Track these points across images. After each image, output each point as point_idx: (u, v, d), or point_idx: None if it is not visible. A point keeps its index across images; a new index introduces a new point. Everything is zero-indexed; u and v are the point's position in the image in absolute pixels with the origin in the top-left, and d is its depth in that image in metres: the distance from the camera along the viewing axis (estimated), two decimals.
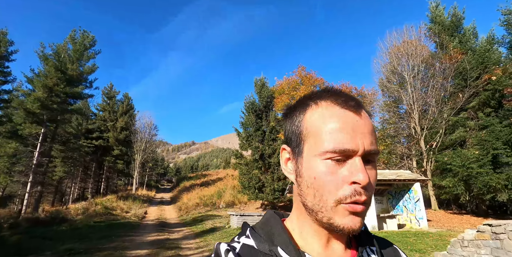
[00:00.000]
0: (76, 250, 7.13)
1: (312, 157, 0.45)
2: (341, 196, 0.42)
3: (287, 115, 0.52)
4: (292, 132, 0.49)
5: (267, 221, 0.52)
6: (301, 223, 0.49)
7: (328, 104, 0.46)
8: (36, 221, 11.46)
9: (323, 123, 0.45)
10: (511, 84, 14.60)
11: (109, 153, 34.11)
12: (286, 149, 0.51)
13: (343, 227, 0.43)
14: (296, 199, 0.50)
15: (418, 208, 11.92)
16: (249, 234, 0.49)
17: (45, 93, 19.21)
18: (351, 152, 0.43)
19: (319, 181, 0.43)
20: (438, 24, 21.46)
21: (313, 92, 0.51)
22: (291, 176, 0.50)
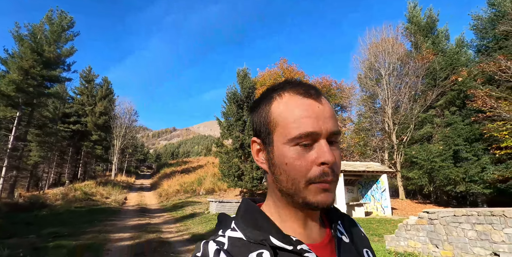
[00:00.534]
0: (61, 234, 7.47)
1: (282, 144, 0.48)
2: (311, 176, 0.46)
3: (253, 109, 0.55)
4: (260, 123, 0.52)
5: (247, 210, 0.53)
6: (278, 208, 0.52)
7: (291, 94, 0.50)
8: (15, 206, 11.53)
9: (288, 112, 0.48)
10: (474, 86, 15.78)
11: (87, 138, 33.48)
12: (256, 140, 0.53)
13: (317, 203, 0.47)
14: (271, 186, 0.53)
15: (384, 197, 13.00)
16: (234, 226, 0.50)
17: (21, 76, 18.57)
18: (316, 135, 0.47)
19: (290, 166, 0.47)
20: (415, 25, 22.41)
21: (276, 84, 0.54)
22: (264, 166, 0.52)
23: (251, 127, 0.56)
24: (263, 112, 0.52)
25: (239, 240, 0.48)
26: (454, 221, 4.22)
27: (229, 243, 0.47)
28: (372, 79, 23.01)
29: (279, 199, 0.52)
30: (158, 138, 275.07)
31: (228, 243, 0.47)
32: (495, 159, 14.94)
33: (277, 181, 0.49)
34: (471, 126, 15.79)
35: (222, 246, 0.47)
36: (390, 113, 21.06)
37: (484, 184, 14.84)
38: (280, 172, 0.48)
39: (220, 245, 0.47)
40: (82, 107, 34.31)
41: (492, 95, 15.09)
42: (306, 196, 0.47)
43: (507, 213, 3.60)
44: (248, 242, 0.47)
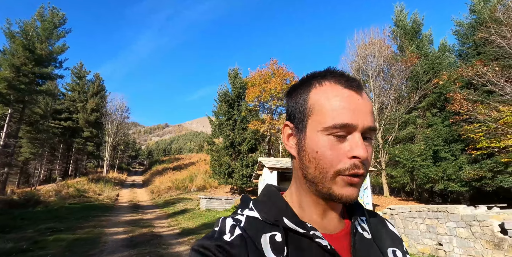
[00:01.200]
0: (58, 228, 7.92)
1: (315, 132, 0.47)
2: (340, 168, 0.46)
3: (290, 94, 0.54)
4: (295, 109, 0.51)
5: (268, 193, 0.55)
6: (300, 195, 0.52)
7: (332, 83, 0.49)
8: (10, 203, 11.86)
9: (327, 101, 0.48)
10: (453, 89, 16.62)
11: (78, 135, 33.55)
12: (288, 125, 0.53)
13: (342, 196, 0.46)
14: (296, 172, 0.53)
15: (366, 194, 13.72)
16: (252, 206, 0.52)
17: (13, 73, 18.71)
18: (352, 127, 0.46)
19: (321, 155, 0.46)
20: (401, 28, 23.16)
21: (317, 72, 0.53)
22: (292, 150, 0.52)
23: (286, 112, 0.56)
24: (300, 98, 0.51)
25: (255, 219, 0.50)
26: (410, 216, 4.88)
27: (245, 220, 0.49)
28: (363, 80, 23.72)
29: (302, 186, 0.52)
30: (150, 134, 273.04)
31: (245, 220, 0.49)
32: (471, 158, 15.83)
33: (304, 167, 0.49)
34: (449, 127, 16.66)
35: (239, 223, 0.49)
36: (376, 114, 21.86)
37: (461, 182, 15.74)
38: (309, 159, 0.48)
39: (237, 221, 0.49)
40: (74, 103, 34.29)
41: (469, 99, 15.96)
42: (332, 187, 0.47)
43: (449, 209, 4.25)
44: (263, 222, 0.49)
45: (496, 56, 16.48)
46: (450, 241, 4.17)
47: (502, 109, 14.54)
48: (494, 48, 16.21)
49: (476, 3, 19.32)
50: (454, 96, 16.24)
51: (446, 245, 4.22)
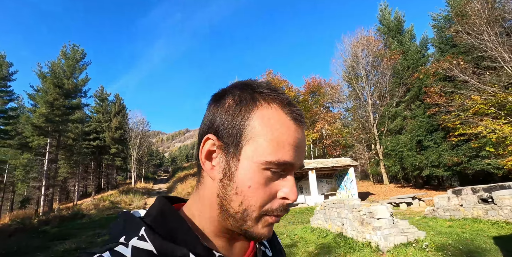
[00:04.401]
0: (101, 233, 10.74)
1: (252, 162, 0.41)
2: (268, 209, 0.42)
3: (223, 102, 0.45)
4: (230, 125, 0.42)
5: (163, 213, 0.43)
6: (206, 221, 0.45)
7: (281, 111, 0.43)
8: (61, 218, 15.01)
9: (274, 131, 0.41)
10: (429, 84, 18.17)
11: (106, 152, 37.38)
12: (214, 140, 0.43)
13: (260, 236, 0.43)
14: (209, 196, 0.44)
15: (352, 186, 15.77)
16: (144, 234, 0.39)
17: (48, 109, 22.15)
18: (291, 167, 0.42)
19: (253, 191, 0.41)
20: (385, 26, 24.61)
21: (262, 85, 0.46)
22: (214, 173, 0.43)
23: (208, 120, 0.45)
24: (240, 114, 0.42)
25: (148, 255, 0.38)
26: (331, 207, 7.13)
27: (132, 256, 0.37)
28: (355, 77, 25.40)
29: (212, 214, 0.44)
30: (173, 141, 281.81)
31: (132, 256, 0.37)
32: (452, 145, 17.38)
33: (226, 198, 0.42)
34: (430, 118, 18.23)
35: None
36: (370, 108, 23.56)
37: (444, 167, 17.35)
38: (236, 192, 0.41)
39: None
40: (99, 124, 38.12)
41: (445, 91, 17.48)
42: (253, 226, 0.42)
43: (345, 201, 6.47)
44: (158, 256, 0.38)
45: (465, 50, 17.88)
46: (346, 222, 6.42)
47: (474, 98, 16.12)
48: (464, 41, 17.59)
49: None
50: (431, 89, 17.81)
51: (345, 225, 6.44)
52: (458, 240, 5.90)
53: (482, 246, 5.38)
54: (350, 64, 25.43)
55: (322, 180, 17.82)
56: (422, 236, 5.31)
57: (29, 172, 22.86)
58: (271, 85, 0.46)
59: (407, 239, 5.15)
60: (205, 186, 0.45)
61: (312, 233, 7.32)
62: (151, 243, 0.39)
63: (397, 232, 5.14)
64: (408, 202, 12.74)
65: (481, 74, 16.07)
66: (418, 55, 21.09)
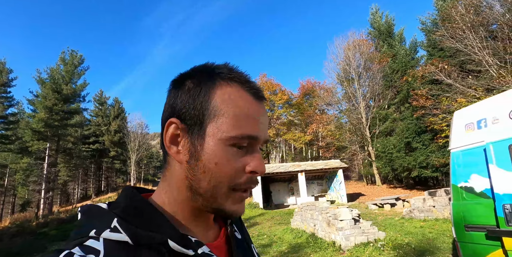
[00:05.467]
0: None
1: (215, 140, 0.42)
2: (237, 183, 0.42)
3: (182, 84, 0.45)
4: (191, 106, 0.43)
5: (133, 203, 0.42)
6: (176, 206, 0.45)
7: (241, 88, 0.44)
8: (61, 220, 15.53)
9: (236, 107, 0.42)
10: (417, 87, 18.63)
11: (106, 155, 37.92)
12: (177, 123, 0.43)
13: (232, 213, 0.44)
14: (178, 181, 0.44)
15: (341, 188, 16.23)
16: (117, 225, 0.37)
17: (47, 114, 22.71)
18: (256, 140, 0.43)
19: (220, 167, 0.41)
20: (376, 29, 25.07)
21: (219, 66, 0.46)
22: (179, 156, 0.43)
23: (169, 105, 0.46)
24: (201, 94, 0.43)
25: (123, 246, 0.36)
26: (306, 209, 7.62)
27: (106, 251, 0.35)
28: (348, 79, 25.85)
29: (181, 197, 0.44)
30: None
31: (105, 252, 0.35)
32: (439, 147, 17.80)
33: (194, 179, 0.42)
34: (418, 120, 18.67)
35: (96, 255, 0.35)
36: (362, 110, 24.01)
37: (432, 168, 17.77)
38: (204, 171, 0.42)
39: (91, 254, 0.35)
40: (99, 128, 38.63)
41: (433, 94, 17.93)
42: (224, 203, 0.43)
43: (316, 204, 6.97)
44: (135, 247, 0.37)
45: (451, 53, 18.33)
46: (317, 223, 6.91)
47: (459, 101, 16.56)
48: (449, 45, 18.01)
49: (435, 1, 21.01)
50: (418, 92, 18.26)
51: (316, 226, 6.93)
52: (420, 240, 6.37)
53: (439, 246, 5.84)
54: (343, 67, 25.87)
55: (313, 181, 18.29)
56: (382, 236, 5.78)
57: (29, 176, 23.44)
58: (228, 66, 0.47)
59: (368, 239, 5.63)
60: (173, 171, 0.45)
61: (290, 234, 7.82)
62: (125, 234, 0.37)
63: (358, 232, 5.62)
64: (392, 203, 13.18)
65: (466, 77, 16.54)
66: (407, 58, 21.56)
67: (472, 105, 2.93)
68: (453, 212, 2.75)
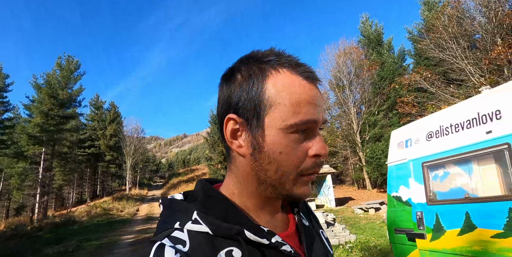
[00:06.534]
0: (90, 239, 11.61)
1: (276, 130, 0.42)
2: (303, 168, 0.43)
3: (232, 79, 0.46)
4: (246, 99, 0.43)
5: (210, 196, 0.46)
6: (247, 196, 0.47)
7: (291, 73, 0.44)
8: (55, 224, 15.84)
9: (290, 94, 0.42)
10: (403, 94, 19.28)
11: (101, 159, 38.17)
12: (235, 119, 0.44)
13: (301, 196, 0.45)
14: (245, 173, 0.46)
15: (329, 192, 16.72)
16: (197, 217, 0.42)
17: (43, 119, 23.03)
18: (315, 124, 0.43)
19: (285, 156, 0.42)
20: (366, 38, 25.84)
21: (267, 53, 0.46)
22: (242, 150, 0.44)
23: (224, 101, 0.46)
24: (253, 86, 0.44)
25: (205, 236, 0.41)
26: None
27: (191, 240, 0.40)
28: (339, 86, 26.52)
29: (250, 188, 0.46)
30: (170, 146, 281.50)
31: (190, 241, 0.40)
32: None
33: (261, 170, 0.44)
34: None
35: (183, 245, 0.39)
36: (353, 116, 24.64)
37: None
38: (270, 161, 0.43)
39: (178, 244, 0.39)
40: (95, 132, 38.87)
41: (419, 101, 18.58)
42: (292, 188, 0.44)
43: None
44: (215, 237, 0.41)
45: (435, 62, 19.05)
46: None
47: (443, 108, 17.20)
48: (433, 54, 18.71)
49: (421, 11, 21.81)
50: (404, 100, 18.92)
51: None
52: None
53: None
54: (334, 74, 26.55)
55: None
56: (353, 239, 6.29)
57: (25, 180, 23.67)
58: (275, 51, 0.47)
59: (339, 241, 6.13)
60: (238, 164, 0.47)
61: None
62: (206, 225, 0.41)
63: (330, 235, 6.13)
64: (377, 207, 13.69)
65: (449, 86, 17.23)
66: (395, 66, 22.29)
67: (405, 125, 3.46)
68: (387, 217, 3.26)
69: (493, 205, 2.06)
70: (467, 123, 2.41)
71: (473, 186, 2.31)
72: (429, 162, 2.73)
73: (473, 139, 2.31)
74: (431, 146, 2.76)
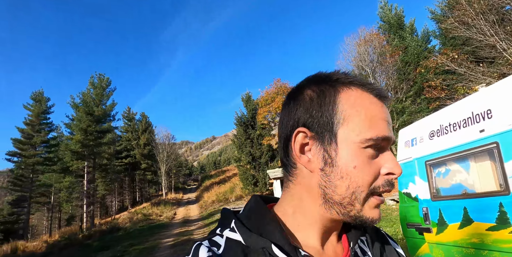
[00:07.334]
0: (134, 243, 12.52)
1: (352, 143, 0.41)
2: (375, 186, 0.41)
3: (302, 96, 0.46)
4: (320, 114, 0.43)
5: (253, 209, 0.47)
6: (300, 216, 0.45)
7: (363, 91, 0.44)
8: (102, 232, 17.18)
9: (364, 109, 0.42)
10: (430, 78, 18.45)
11: (138, 167, 40.27)
12: (305, 132, 0.44)
13: (371, 219, 0.42)
14: (308, 191, 0.44)
15: None
16: (234, 226, 0.44)
17: (82, 135, 24.84)
18: (387, 142, 0.42)
19: (359, 171, 0.40)
20: (386, 23, 24.88)
21: (333, 74, 0.46)
22: (310, 165, 0.43)
23: (290, 118, 0.46)
24: (326, 100, 0.43)
25: (237, 244, 0.42)
26: None
27: (225, 245, 0.42)
28: (362, 75, 25.86)
29: (312, 206, 0.44)
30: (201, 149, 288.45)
31: (225, 245, 0.42)
32: None
33: (330, 186, 0.42)
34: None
35: (218, 248, 0.42)
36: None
37: None
38: (342, 176, 0.41)
39: (214, 247, 0.42)
40: (129, 142, 41.08)
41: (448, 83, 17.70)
42: (361, 210, 0.41)
43: None
44: (246, 247, 0.41)
45: (462, 41, 18.01)
46: None
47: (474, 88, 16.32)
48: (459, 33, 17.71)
49: None
50: (432, 84, 18.08)
51: None
52: None
53: None
54: (356, 64, 25.87)
55: None
56: None
57: (72, 193, 25.73)
58: (341, 72, 0.47)
59: None
60: (301, 181, 0.45)
61: None
62: (239, 234, 0.42)
63: None
64: None
65: (479, 65, 16.24)
66: (419, 50, 21.31)
67: (411, 124, 3.51)
68: (400, 212, 3.34)
69: (486, 200, 2.14)
70: (463, 122, 2.47)
71: (471, 182, 2.38)
72: (431, 160, 2.80)
73: (468, 137, 2.38)
74: (433, 145, 2.83)
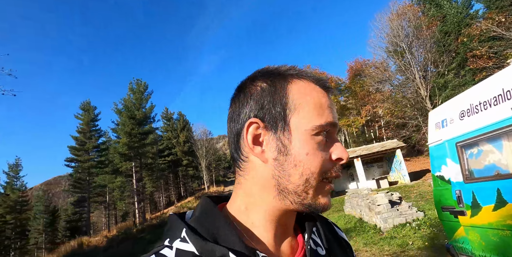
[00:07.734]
0: None
1: (303, 131, 0.42)
2: (327, 171, 0.42)
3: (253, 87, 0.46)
4: (272, 104, 0.43)
5: (204, 213, 0.44)
6: (253, 212, 0.44)
7: (311, 82, 0.45)
8: (153, 226, 18.53)
9: (313, 98, 0.43)
10: (474, 47, 16.82)
11: (180, 164, 42.31)
12: (258, 122, 0.43)
13: (323, 206, 0.42)
14: (261, 183, 0.44)
15: (402, 168, 15.74)
16: (185, 235, 0.40)
17: (127, 138, 26.59)
18: (334, 128, 0.44)
19: (311, 157, 0.41)
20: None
21: (282, 67, 0.48)
22: (262, 156, 0.43)
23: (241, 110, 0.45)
24: (277, 90, 0.44)
25: (191, 255, 0.38)
26: (353, 196, 8.09)
27: None
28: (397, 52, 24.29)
29: (267, 198, 0.44)
30: None
31: None
32: None
33: (284, 175, 0.42)
34: None
35: None
36: (419, 81, 22.37)
37: None
38: (295, 164, 0.41)
39: None
40: (170, 141, 43.16)
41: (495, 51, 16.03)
42: (314, 197, 0.42)
43: (358, 191, 7.43)
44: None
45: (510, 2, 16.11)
46: (362, 209, 7.38)
47: None
48: None
49: None
50: (477, 53, 16.47)
51: (362, 211, 7.39)
52: None
53: None
54: (390, 40, 24.29)
55: (373, 164, 18.06)
56: (420, 216, 6.09)
57: (124, 191, 27.86)
58: (290, 65, 0.48)
59: (406, 220, 6.00)
60: (254, 174, 0.44)
61: (343, 219, 8.41)
62: (192, 244, 0.38)
63: (396, 214, 6.03)
64: None
65: None
66: (459, 17, 19.44)
67: (441, 105, 3.30)
68: (434, 196, 3.21)
69: None
70: (493, 100, 2.30)
71: (504, 162, 2.21)
72: (462, 141, 2.64)
73: (500, 115, 2.21)
74: (463, 125, 2.67)
